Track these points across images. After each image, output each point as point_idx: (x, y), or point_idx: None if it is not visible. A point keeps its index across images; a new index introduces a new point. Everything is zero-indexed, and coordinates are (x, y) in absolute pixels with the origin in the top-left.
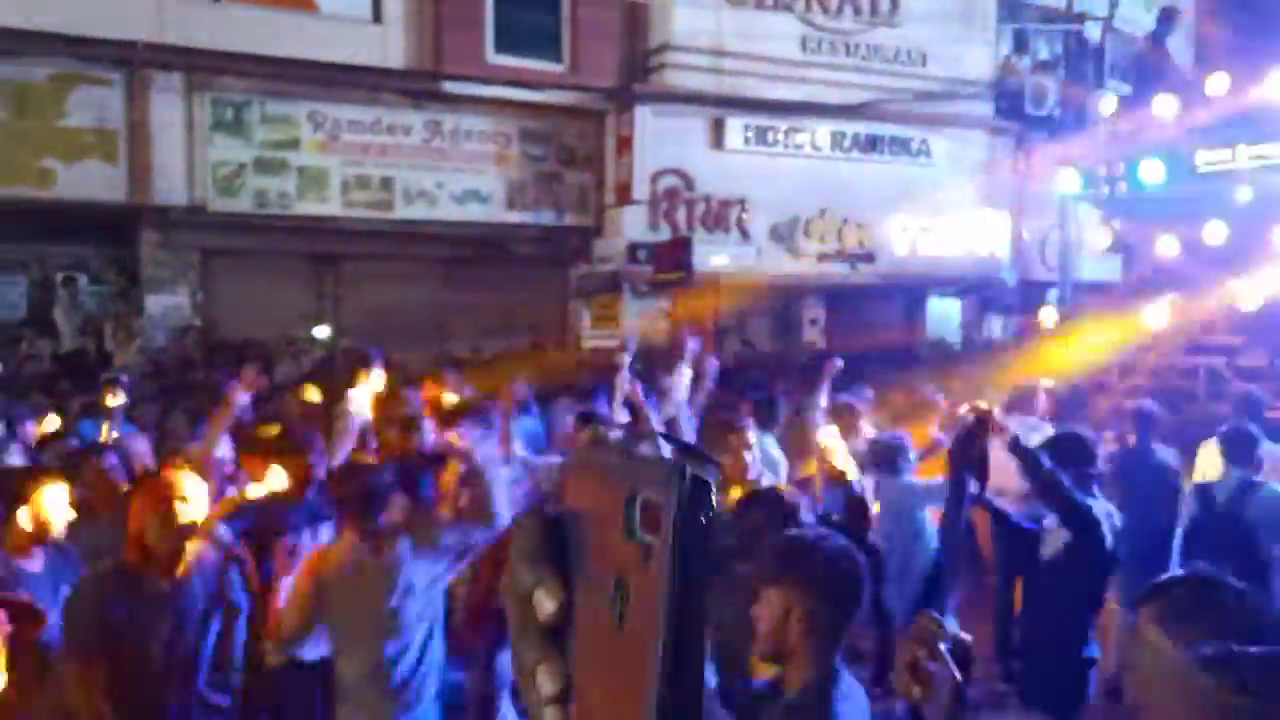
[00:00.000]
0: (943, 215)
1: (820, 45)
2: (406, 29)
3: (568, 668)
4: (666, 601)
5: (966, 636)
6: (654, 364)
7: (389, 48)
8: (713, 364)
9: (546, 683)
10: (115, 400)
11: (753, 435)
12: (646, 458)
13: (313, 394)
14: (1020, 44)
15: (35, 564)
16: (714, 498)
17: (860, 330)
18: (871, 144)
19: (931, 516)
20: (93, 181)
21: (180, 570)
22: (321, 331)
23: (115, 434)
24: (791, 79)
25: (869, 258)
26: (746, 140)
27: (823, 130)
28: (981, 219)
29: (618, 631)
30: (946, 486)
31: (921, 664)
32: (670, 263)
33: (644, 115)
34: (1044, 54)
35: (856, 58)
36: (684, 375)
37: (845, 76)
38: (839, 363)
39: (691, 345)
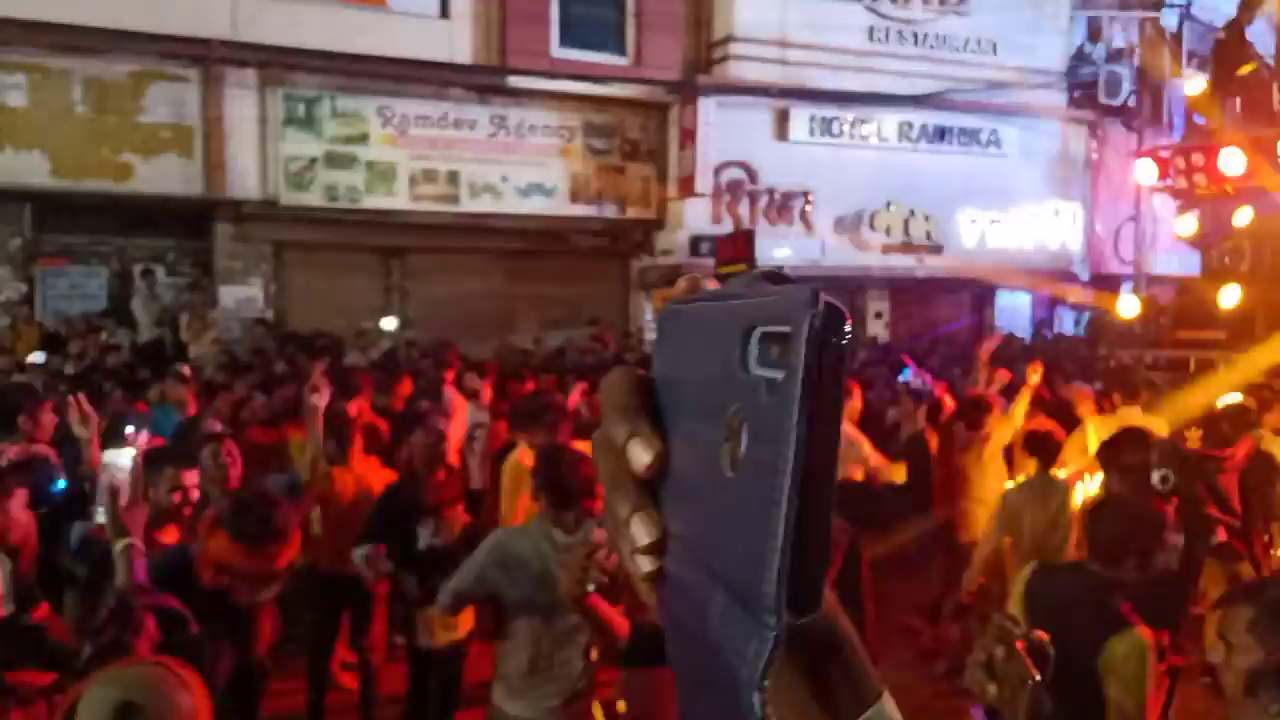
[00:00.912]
0: (1013, 207)
1: (887, 35)
2: (474, 24)
3: (663, 517)
4: (797, 431)
5: (1043, 636)
6: None
7: (456, 43)
8: None
9: (641, 532)
10: (186, 389)
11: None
12: (767, 290)
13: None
14: (1094, 32)
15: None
16: (846, 325)
17: (926, 324)
18: (940, 134)
19: None
20: (170, 176)
21: None
22: (389, 323)
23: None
24: (858, 69)
25: (936, 250)
26: (811, 131)
27: (889, 121)
28: (1053, 210)
29: (729, 474)
30: None
31: (997, 662)
32: (733, 255)
33: (707, 107)
34: (1119, 42)
35: (924, 47)
36: None
37: (913, 66)
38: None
39: None
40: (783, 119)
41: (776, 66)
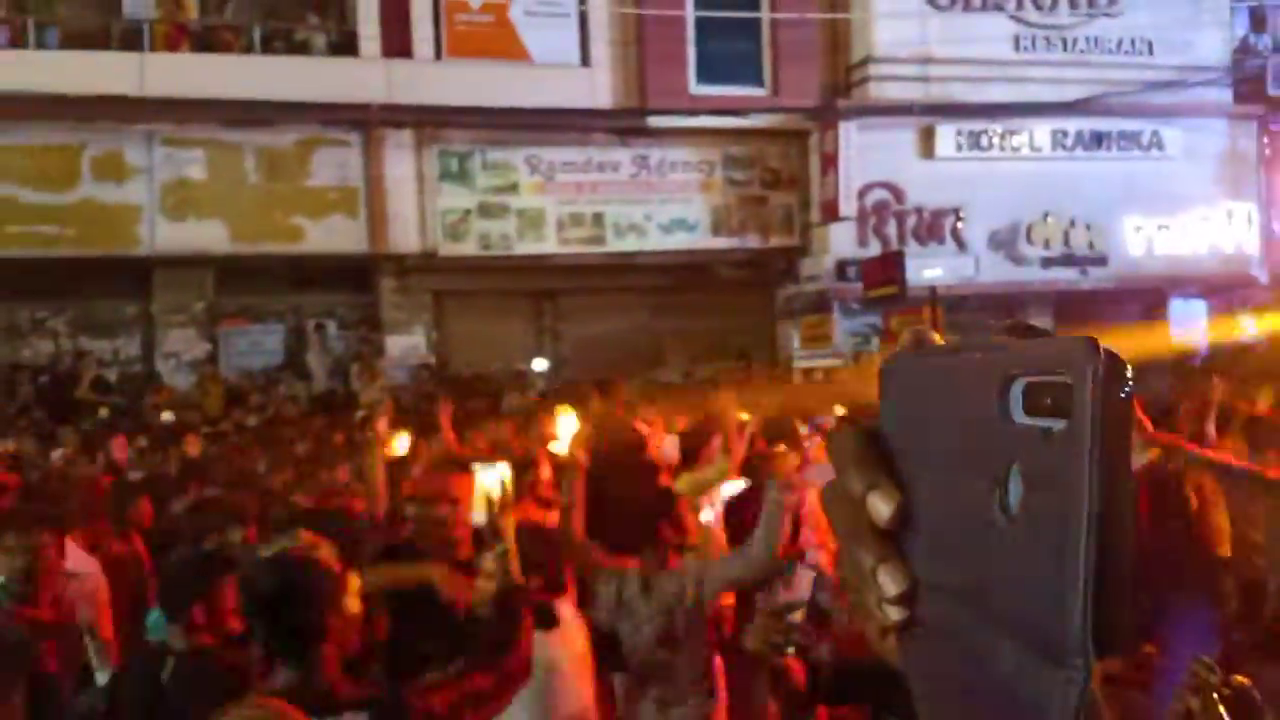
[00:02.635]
0: (1181, 211)
1: (1034, 42)
2: (613, 70)
3: (911, 567)
4: (1090, 478)
5: (1244, 681)
6: None
7: (597, 89)
8: None
9: (890, 582)
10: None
11: None
12: (1028, 341)
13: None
14: (1258, 22)
15: None
16: (1129, 372)
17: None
18: (1097, 140)
19: None
20: (337, 235)
21: None
22: (540, 364)
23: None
24: (1005, 79)
25: (1100, 261)
26: (959, 147)
27: (1042, 130)
28: (1225, 212)
29: (1004, 523)
30: None
31: (1195, 716)
32: (882, 278)
33: (848, 130)
34: None
35: (1075, 52)
36: None
37: (1064, 72)
38: None
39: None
40: (928, 136)
41: (919, 84)
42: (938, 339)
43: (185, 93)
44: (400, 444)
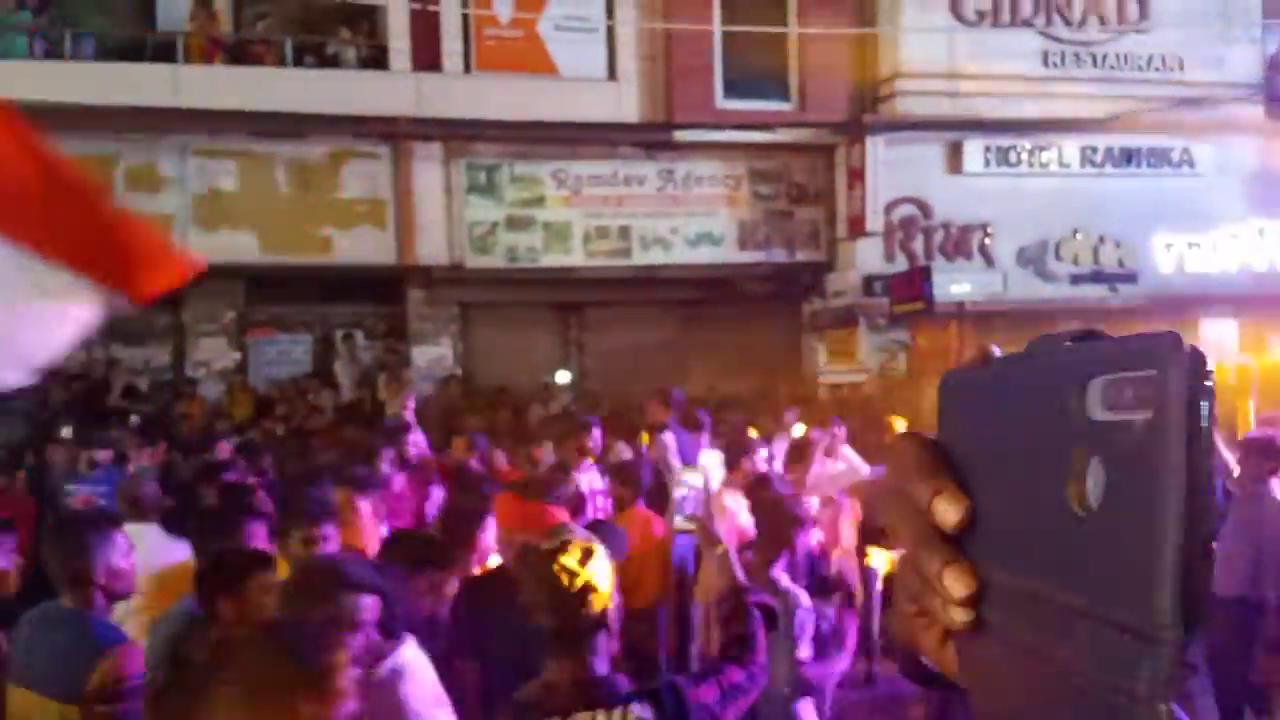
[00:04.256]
0: (1212, 228)
1: (1063, 58)
2: (640, 84)
3: (979, 570)
4: (1182, 464)
5: None
6: None
7: (623, 103)
8: None
9: (957, 585)
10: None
11: None
12: (1104, 341)
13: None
14: None
15: None
16: (1210, 366)
17: None
18: (1126, 157)
19: None
20: (366, 247)
21: None
22: (564, 376)
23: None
24: (1033, 95)
25: (1130, 278)
26: (987, 162)
27: (1070, 146)
28: (1258, 230)
29: (1083, 513)
30: None
31: None
32: (909, 293)
33: (875, 146)
34: None
35: (1104, 68)
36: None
37: (1093, 89)
38: None
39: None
40: (955, 152)
41: (946, 99)
42: (1000, 353)
43: (218, 105)
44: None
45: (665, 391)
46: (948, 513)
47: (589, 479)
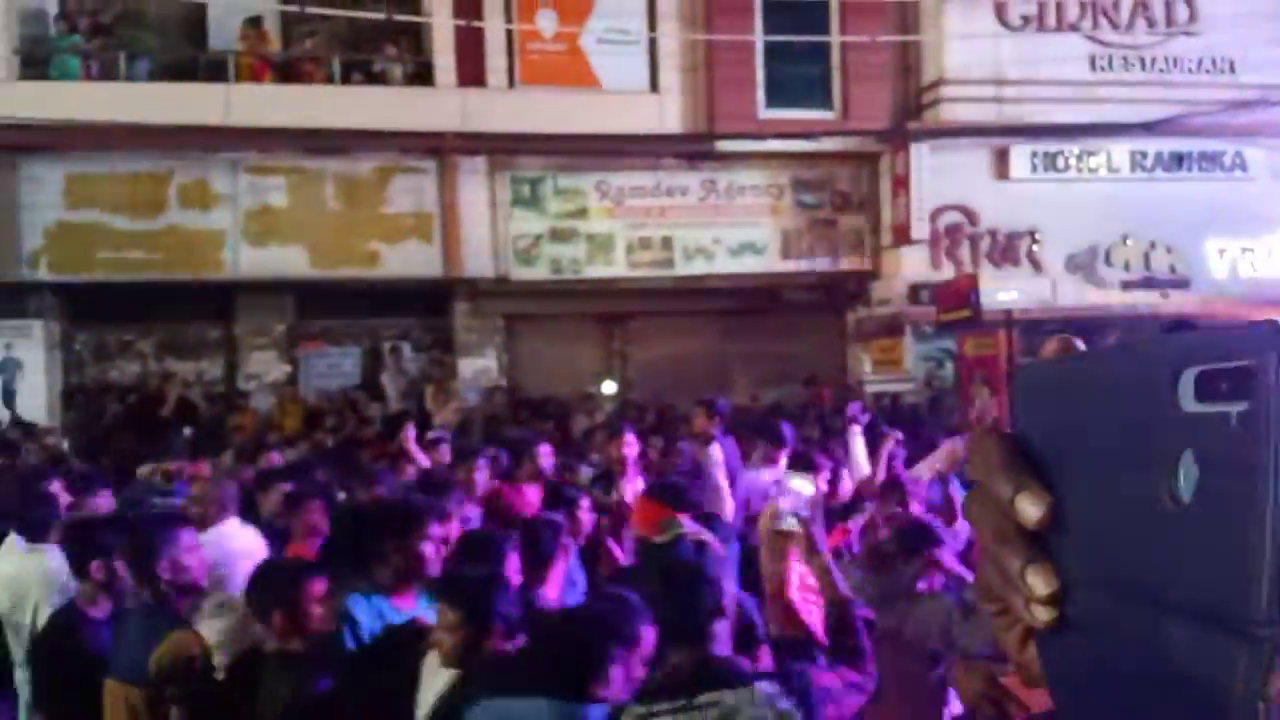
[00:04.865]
0: (1266, 233)
1: (1111, 62)
2: (682, 95)
3: (1062, 567)
4: (1275, 462)
5: None
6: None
7: (666, 115)
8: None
9: (1040, 583)
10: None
11: None
12: (1196, 333)
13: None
14: None
15: None
16: None
17: None
18: (1177, 161)
19: None
20: (413, 260)
21: None
22: (609, 386)
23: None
24: (1081, 100)
25: (1183, 284)
26: (1034, 168)
27: (1120, 150)
28: None
29: (1174, 508)
30: None
31: None
32: (955, 301)
33: (920, 153)
34: None
35: (1154, 71)
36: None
37: (1142, 92)
38: None
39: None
40: (1002, 158)
41: (992, 105)
42: (1081, 346)
43: (268, 122)
44: None
45: (710, 402)
46: (1030, 510)
47: (633, 488)
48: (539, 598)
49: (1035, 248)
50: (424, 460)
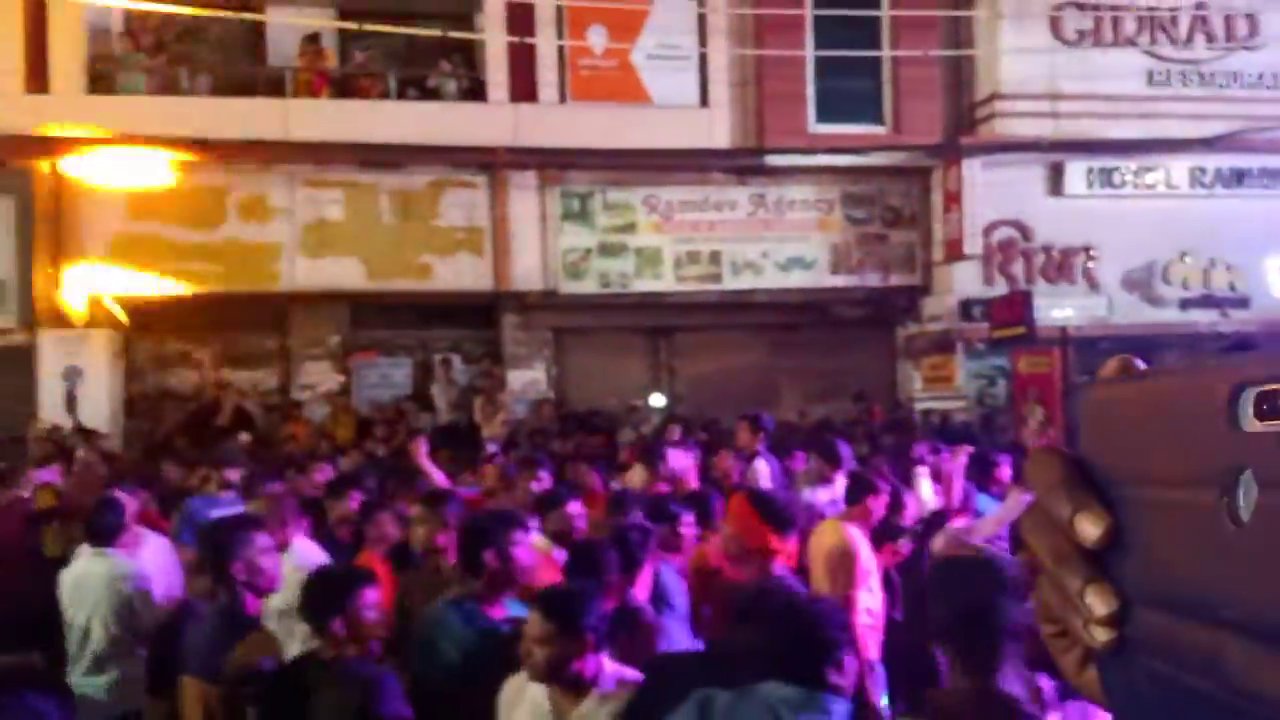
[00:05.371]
0: None
1: (1169, 77)
2: (731, 110)
3: (1121, 588)
4: None
5: None
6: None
7: (715, 130)
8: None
9: (1099, 603)
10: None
11: None
12: (1258, 352)
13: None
14: None
15: None
16: None
17: None
18: (1237, 177)
19: None
20: (464, 273)
21: None
22: (657, 400)
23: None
24: (1138, 115)
25: (1243, 302)
26: (1089, 184)
27: (1178, 167)
28: None
29: (1235, 527)
30: None
31: None
32: (1008, 318)
33: (973, 168)
34: None
35: (1213, 87)
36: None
37: (1200, 108)
38: None
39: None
40: (1056, 173)
41: (1047, 120)
42: (1141, 366)
43: (325, 137)
44: None
45: (754, 417)
46: (1089, 529)
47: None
48: (630, 599)
49: (1091, 264)
50: (438, 475)
